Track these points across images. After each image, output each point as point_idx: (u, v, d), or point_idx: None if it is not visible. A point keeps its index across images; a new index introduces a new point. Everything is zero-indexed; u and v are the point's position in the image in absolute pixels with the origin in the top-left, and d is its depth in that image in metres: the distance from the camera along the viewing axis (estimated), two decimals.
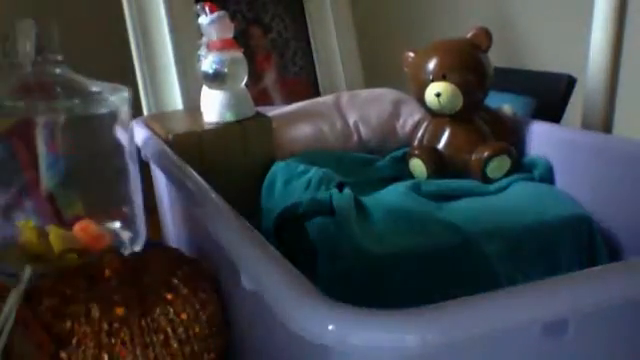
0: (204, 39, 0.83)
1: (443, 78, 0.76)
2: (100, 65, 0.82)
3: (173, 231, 0.85)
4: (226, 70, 0.82)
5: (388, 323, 0.36)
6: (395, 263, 0.61)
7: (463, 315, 0.37)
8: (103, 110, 0.75)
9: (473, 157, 0.79)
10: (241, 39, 0.94)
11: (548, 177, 0.80)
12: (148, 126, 0.87)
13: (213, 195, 0.57)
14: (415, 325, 0.36)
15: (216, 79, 0.82)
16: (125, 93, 0.77)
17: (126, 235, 0.78)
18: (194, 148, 0.80)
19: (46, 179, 0.78)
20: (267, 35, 1.12)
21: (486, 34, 0.78)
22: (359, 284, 0.61)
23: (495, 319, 0.37)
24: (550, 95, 0.99)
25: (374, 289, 0.60)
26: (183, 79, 1.01)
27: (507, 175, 0.79)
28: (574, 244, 0.71)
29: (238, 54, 0.83)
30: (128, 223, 0.79)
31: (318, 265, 0.62)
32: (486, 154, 0.78)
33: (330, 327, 0.36)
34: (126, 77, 0.91)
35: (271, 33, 1.12)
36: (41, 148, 0.76)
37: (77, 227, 0.74)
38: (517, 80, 1.03)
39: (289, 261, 0.43)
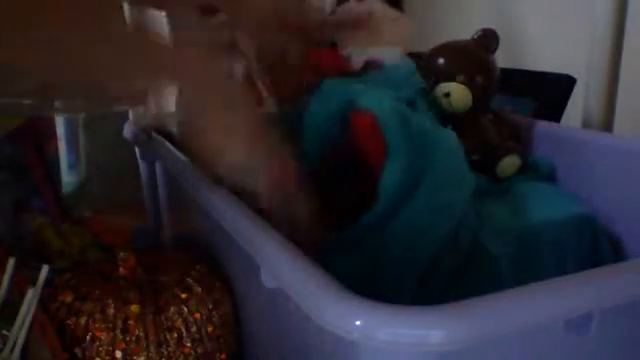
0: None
1: (452, 79, 0.77)
2: None
3: (171, 228, 0.85)
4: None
5: (414, 319, 0.36)
6: (414, 264, 0.61)
7: (488, 312, 0.37)
8: (121, 108, 0.75)
9: (482, 157, 0.79)
10: None
11: (552, 177, 0.81)
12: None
13: (231, 196, 0.57)
14: (441, 321, 0.36)
15: None
16: None
17: (142, 232, 0.79)
18: None
19: (67, 181, 0.78)
20: None
21: (493, 35, 0.78)
22: (368, 284, 0.61)
23: (519, 316, 0.38)
24: (550, 95, 1.00)
25: (386, 288, 0.60)
26: None
27: (515, 174, 0.80)
28: (579, 243, 0.71)
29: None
30: (143, 221, 0.80)
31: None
32: (497, 154, 0.78)
33: (358, 322, 0.36)
34: None
35: None
36: (62, 148, 0.77)
37: (94, 223, 0.75)
38: (517, 80, 1.04)
39: None
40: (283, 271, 0.43)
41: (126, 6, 1.20)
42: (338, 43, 0.80)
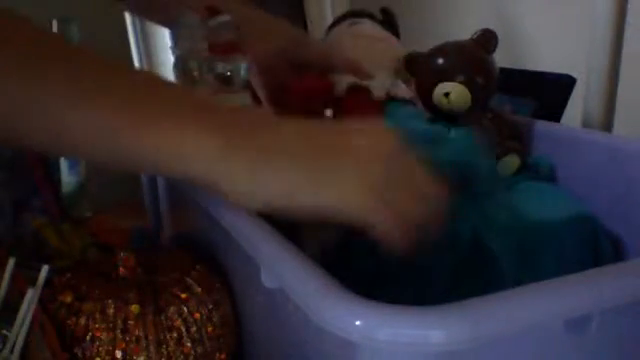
0: (201, 43, 0.81)
1: (451, 79, 0.77)
2: None
3: (171, 228, 0.85)
4: (241, 74, 0.81)
5: (414, 319, 0.36)
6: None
7: (488, 312, 0.37)
8: None
9: None
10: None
11: (552, 177, 0.81)
12: None
13: None
14: (441, 322, 0.36)
15: (224, 83, 0.82)
16: None
17: (142, 232, 0.79)
18: None
19: (66, 181, 0.78)
20: None
21: (492, 35, 0.78)
22: (372, 279, 0.61)
23: (519, 316, 0.38)
24: (550, 95, 1.00)
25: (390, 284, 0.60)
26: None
27: (515, 174, 0.80)
28: (579, 243, 0.71)
29: (243, 58, 0.83)
30: (143, 221, 0.80)
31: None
32: (496, 153, 0.78)
33: (357, 323, 0.36)
34: None
35: None
36: None
37: (94, 223, 0.75)
38: (517, 80, 1.04)
39: None
40: (283, 271, 0.43)
41: (127, 15, 1.20)
42: None
